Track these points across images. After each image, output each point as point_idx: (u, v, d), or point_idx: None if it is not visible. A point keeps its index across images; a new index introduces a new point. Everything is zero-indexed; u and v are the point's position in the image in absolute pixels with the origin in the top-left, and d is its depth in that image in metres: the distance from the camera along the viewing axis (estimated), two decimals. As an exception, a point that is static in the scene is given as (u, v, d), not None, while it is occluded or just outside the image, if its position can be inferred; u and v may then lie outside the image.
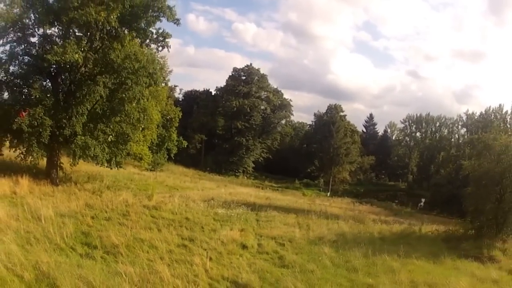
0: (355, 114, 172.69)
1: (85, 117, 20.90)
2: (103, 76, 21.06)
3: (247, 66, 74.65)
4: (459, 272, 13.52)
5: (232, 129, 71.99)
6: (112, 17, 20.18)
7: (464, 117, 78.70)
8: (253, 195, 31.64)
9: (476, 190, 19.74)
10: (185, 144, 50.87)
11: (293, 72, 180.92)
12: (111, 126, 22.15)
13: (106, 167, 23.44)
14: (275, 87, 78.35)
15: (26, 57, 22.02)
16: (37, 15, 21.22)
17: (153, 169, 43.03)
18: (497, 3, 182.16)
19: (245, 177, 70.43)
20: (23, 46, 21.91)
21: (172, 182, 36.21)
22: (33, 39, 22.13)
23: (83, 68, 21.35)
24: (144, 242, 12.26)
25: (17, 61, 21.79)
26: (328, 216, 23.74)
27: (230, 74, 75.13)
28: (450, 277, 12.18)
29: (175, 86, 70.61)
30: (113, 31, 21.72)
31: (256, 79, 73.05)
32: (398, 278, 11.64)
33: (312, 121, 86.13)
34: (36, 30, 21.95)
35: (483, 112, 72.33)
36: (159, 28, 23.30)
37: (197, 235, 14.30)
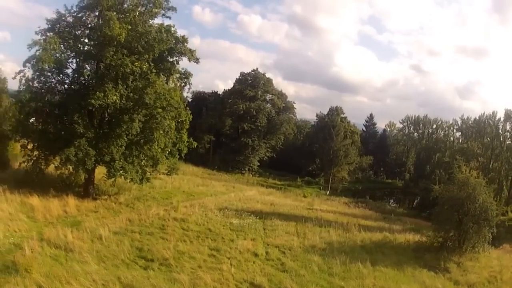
0: (358, 107, 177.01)
1: (123, 147, 24.79)
2: (137, 112, 24.82)
3: (253, 70, 79.21)
4: (413, 280, 18.28)
5: (238, 130, 76.71)
6: (145, 66, 24.45)
7: (459, 122, 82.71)
8: (259, 201, 36.29)
9: (441, 211, 24.43)
10: (195, 145, 55.44)
11: (297, 64, 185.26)
12: (143, 152, 26.24)
13: (138, 184, 27.38)
14: (280, 89, 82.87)
15: (61, 86, 25.52)
16: (73, 54, 24.97)
17: (169, 173, 47.65)
18: (501, 2, 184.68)
19: (251, 175, 75.30)
20: (58, 78, 25.35)
21: (187, 186, 40.32)
22: (68, 70, 25.55)
23: (118, 104, 24.29)
24: (184, 254, 17.04)
25: (53, 91, 25.18)
26: (322, 224, 28.13)
27: (237, 78, 79.64)
28: (403, 284, 16.94)
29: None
30: (144, 74, 25.16)
31: (262, 83, 77.46)
32: (364, 282, 16.44)
33: (314, 122, 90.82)
34: (70, 65, 25.51)
35: (477, 118, 76.15)
36: (183, 68, 27.85)
37: (221, 245, 19.09)
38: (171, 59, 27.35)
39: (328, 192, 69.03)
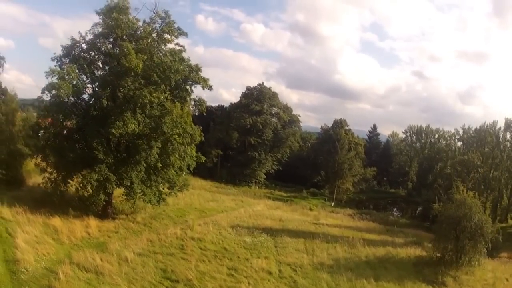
0: (361, 114, 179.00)
1: (142, 172, 26.37)
2: (154, 139, 26.20)
3: (259, 85, 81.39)
4: (413, 294, 20.05)
5: (245, 144, 78.68)
6: (162, 96, 26.16)
7: (461, 131, 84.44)
8: (268, 217, 37.99)
9: (440, 228, 26.28)
10: (203, 160, 57.16)
11: (300, 72, 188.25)
12: (161, 176, 27.89)
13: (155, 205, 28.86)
14: (285, 103, 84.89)
15: (78, 111, 27.06)
16: (89, 79, 26.59)
17: (180, 189, 49.46)
18: (501, 5, 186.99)
19: (257, 187, 77.12)
20: (75, 104, 27.05)
21: (198, 202, 41.32)
22: (84, 96, 27.29)
23: (136, 131, 25.72)
24: (205, 274, 18.89)
25: (70, 116, 26.58)
26: (329, 240, 29.67)
27: (243, 92, 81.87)
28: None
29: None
30: (160, 102, 27.01)
31: (268, 97, 79.54)
32: (368, 298, 18.25)
33: (318, 134, 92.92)
34: (86, 90, 27.10)
35: (478, 127, 77.77)
36: (197, 96, 29.84)
37: (237, 265, 20.94)
38: (185, 86, 29.15)
39: (333, 204, 70.63)
